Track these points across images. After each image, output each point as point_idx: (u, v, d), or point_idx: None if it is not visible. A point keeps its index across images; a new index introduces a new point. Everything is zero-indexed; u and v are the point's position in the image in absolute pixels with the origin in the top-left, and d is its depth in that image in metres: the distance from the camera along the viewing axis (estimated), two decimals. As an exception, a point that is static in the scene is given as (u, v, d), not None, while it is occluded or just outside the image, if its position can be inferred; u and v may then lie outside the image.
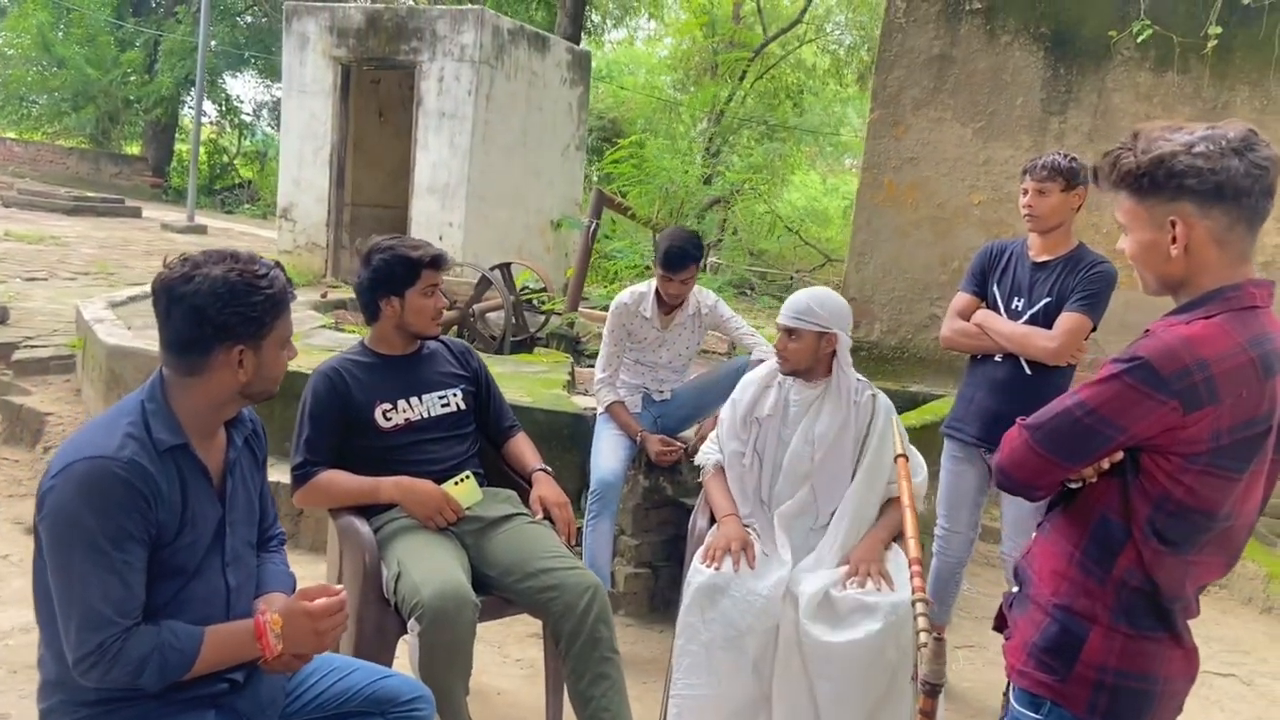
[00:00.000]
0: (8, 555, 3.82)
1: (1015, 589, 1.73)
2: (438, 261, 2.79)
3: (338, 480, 2.70)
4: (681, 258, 3.54)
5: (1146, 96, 5.27)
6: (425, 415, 2.82)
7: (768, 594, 2.64)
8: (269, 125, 28.23)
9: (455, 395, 2.89)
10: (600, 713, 2.56)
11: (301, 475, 2.70)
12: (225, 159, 27.03)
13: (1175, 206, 1.46)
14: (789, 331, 2.81)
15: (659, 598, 3.96)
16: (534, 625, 3.64)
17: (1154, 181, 1.47)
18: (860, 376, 2.91)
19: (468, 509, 2.76)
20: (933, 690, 1.95)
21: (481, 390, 3.00)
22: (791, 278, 14.92)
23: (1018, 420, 1.59)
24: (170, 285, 1.76)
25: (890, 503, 2.81)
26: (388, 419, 2.77)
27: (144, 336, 5.05)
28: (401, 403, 2.79)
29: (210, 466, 1.87)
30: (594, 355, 6.46)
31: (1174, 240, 1.47)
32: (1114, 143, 1.54)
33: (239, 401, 1.87)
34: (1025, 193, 3.16)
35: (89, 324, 5.16)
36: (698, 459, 3.10)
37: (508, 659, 3.47)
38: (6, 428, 5.01)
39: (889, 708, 2.59)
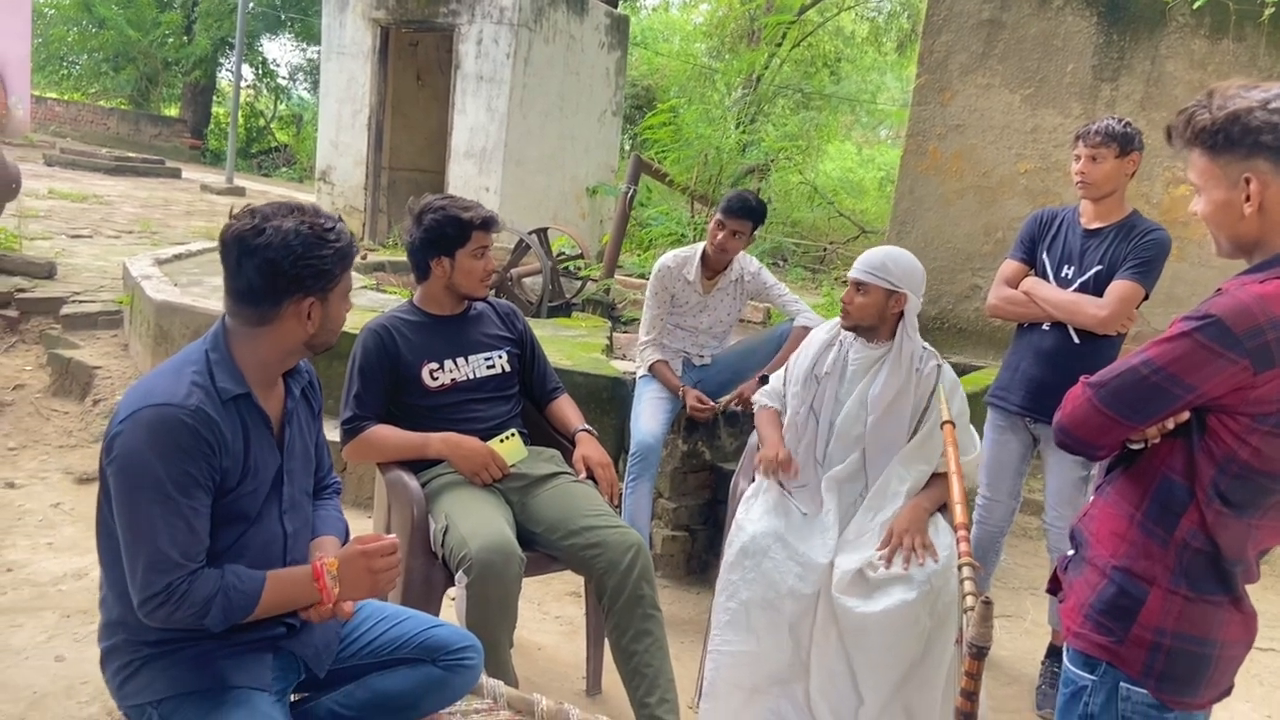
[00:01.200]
0: (59, 504, 3.91)
1: (1071, 552, 1.73)
2: (489, 223, 2.79)
3: (387, 435, 2.74)
4: (742, 205, 3.56)
5: (1201, 64, 5.15)
6: (471, 376, 2.85)
7: (809, 560, 2.64)
8: (305, 89, 28.32)
9: (500, 357, 2.92)
10: (643, 668, 2.59)
11: (351, 430, 2.74)
12: (261, 122, 27.17)
13: (1250, 164, 1.44)
14: (857, 285, 2.75)
15: (696, 560, 3.99)
16: (572, 583, 3.69)
17: (1229, 138, 1.44)
18: (927, 345, 2.85)
19: (513, 466, 2.79)
20: (979, 652, 1.96)
21: (526, 353, 3.02)
22: (825, 249, 14.79)
23: (1081, 378, 1.58)
24: (242, 237, 1.77)
25: (937, 476, 2.78)
26: (434, 378, 2.79)
27: (190, 293, 5.12)
28: (448, 363, 2.82)
29: (270, 416, 1.90)
30: (629, 321, 6.49)
31: (1248, 199, 1.45)
32: (1167, 111, 1.52)
33: (302, 352, 1.90)
34: (1078, 159, 3.09)
35: (137, 280, 5.23)
36: (754, 397, 3.08)
37: (547, 615, 3.52)
38: (56, 380, 5.10)
39: (923, 671, 2.60)
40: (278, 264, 1.75)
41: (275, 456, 1.90)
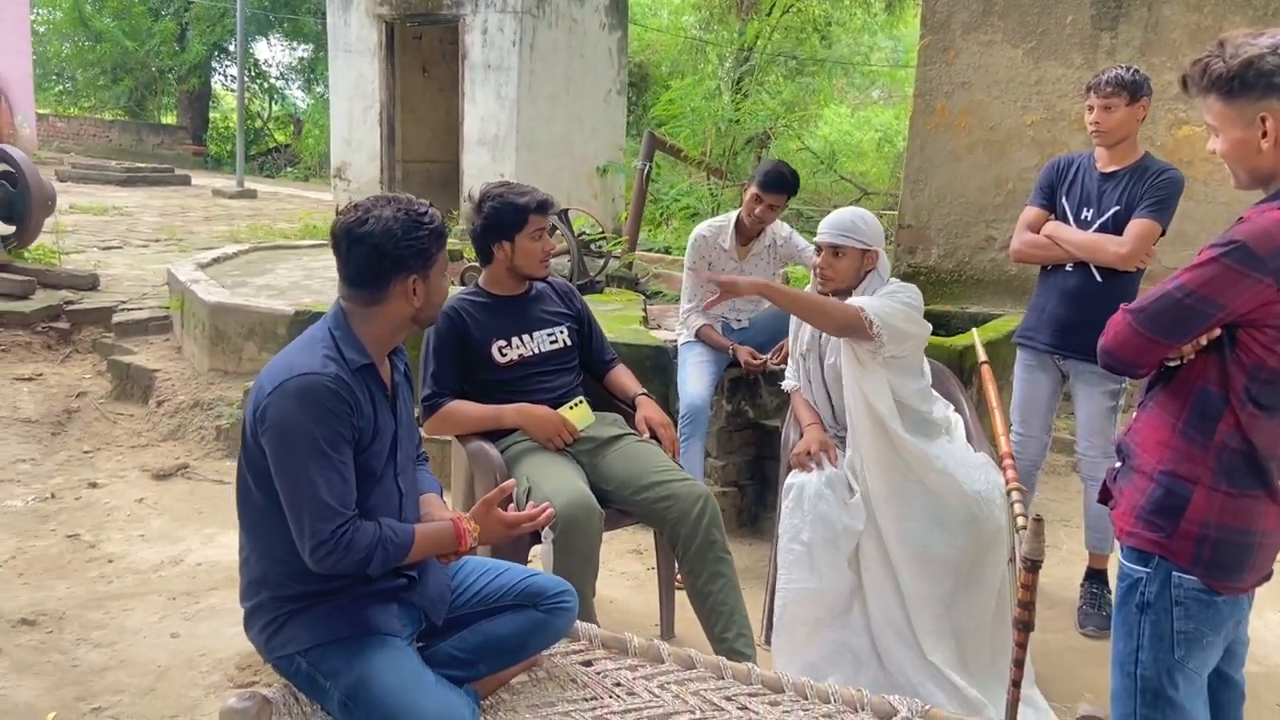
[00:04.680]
0: (142, 499, 4.14)
1: (1118, 464, 1.92)
2: (544, 206, 2.98)
3: (464, 409, 2.95)
4: (779, 180, 3.72)
5: (1197, 7, 5.29)
6: (536, 351, 3.05)
7: (852, 500, 2.85)
8: (298, 88, 28.40)
9: (562, 332, 3.12)
10: (719, 606, 2.80)
11: (431, 405, 2.95)
12: (258, 124, 27.26)
13: (1264, 104, 1.63)
14: (834, 250, 2.88)
15: (746, 514, 4.19)
16: (634, 542, 3.91)
17: (1244, 82, 1.63)
18: (892, 279, 2.98)
19: (582, 430, 3.00)
20: (1033, 565, 2.16)
21: (584, 328, 3.22)
22: (828, 214, 14.87)
23: (1121, 305, 1.77)
24: (349, 228, 1.99)
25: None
26: (503, 355, 3.00)
27: (240, 294, 5.33)
28: (515, 340, 3.02)
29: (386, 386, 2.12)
30: (653, 294, 6.67)
31: (1264, 135, 1.64)
32: (1166, 55, 1.71)
33: (410, 327, 2.11)
34: (1091, 109, 3.24)
35: (185, 285, 5.44)
36: (784, 384, 3.28)
37: (613, 572, 3.72)
38: (118, 385, 5.32)
39: (969, 596, 2.81)
40: (382, 248, 1.97)
41: (392, 422, 2.11)
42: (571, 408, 3.01)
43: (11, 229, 6.70)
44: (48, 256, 7.03)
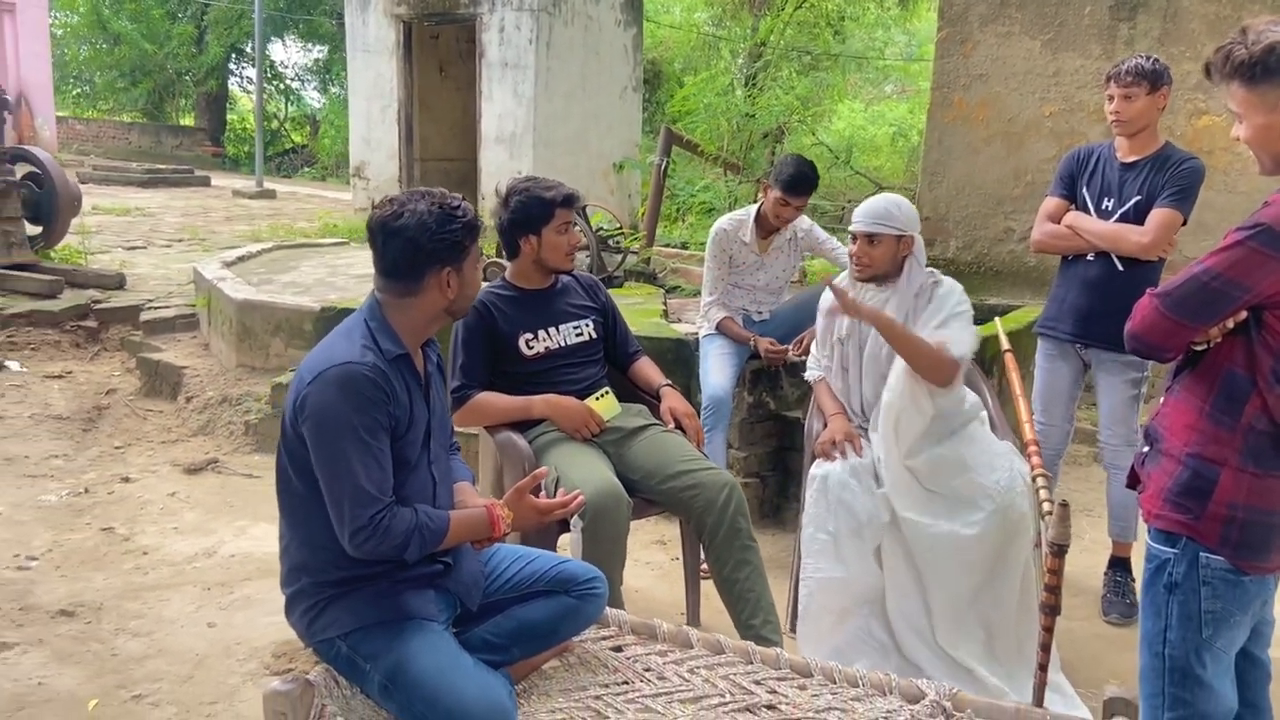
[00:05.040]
0: (175, 493, 4.21)
1: (1146, 449, 1.95)
2: (570, 200, 3.03)
3: (492, 400, 3.00)
4: (803, 182, 3.73)
5: (1216, -4, 5.29)
6: (563, 344, 3.09)
7: (878, 491, 2.87)
8: (314, 89, 28.55)
9: (587, 325, 3.16)
10: (745, 594, 2.84)
11: (460, 397, 2.99)
12: (275, 125, 27.43)
13: None
14: (869, 238, 2.91)
15: (768, 504, 4.22)
16: (658, 533, 3.95)
17: (1266, 69, 1.66)
18: (932, 270, 3.00)
19: (608, 421, 3.04)
20: (1060, 550, 2.19)
21: (609, 320, 3.26)
22: (843, 209, 14.87)
23: (1148, 290, 1.80)
24: (385, 222, 2.04)
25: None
26: (530, 347, 3.04)
27: (265, 291, 5.40)
28: (541, 333, 3.07)
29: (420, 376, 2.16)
30: (672, 289, 6.71)
31: None
32: (1185, 45, 1.73)
33: (443, 319, 2.15)
34: (1111, 99, 3.25)
35: (212, 283, 5.52)
36: (806, 375, 3.31)
37: (638, 562, 3.76)
38: (147, 382, 5.41)
39: (995, 586, 2.82)
40: (417, 241, 2.02)
41: (426, 411, 2.16)
42: (598, 399, 3.05)
43: (39, 229, 6.81)
44: (74, 256, 7.13)
